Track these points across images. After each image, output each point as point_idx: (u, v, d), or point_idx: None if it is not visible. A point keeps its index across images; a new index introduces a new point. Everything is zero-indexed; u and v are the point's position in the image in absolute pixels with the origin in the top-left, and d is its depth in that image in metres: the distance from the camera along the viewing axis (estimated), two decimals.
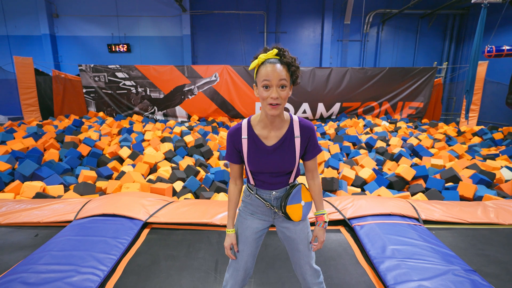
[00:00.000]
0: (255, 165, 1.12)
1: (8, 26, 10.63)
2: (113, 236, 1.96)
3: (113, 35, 10.96)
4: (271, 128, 1.09)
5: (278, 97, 0.98)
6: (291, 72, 1.02)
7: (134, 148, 5.04)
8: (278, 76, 0.97)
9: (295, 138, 1.08)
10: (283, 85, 0.99)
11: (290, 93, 1.04)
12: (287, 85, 1.00)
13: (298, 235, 1.17)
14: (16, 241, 2.05)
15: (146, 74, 8.23)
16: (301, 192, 1.15)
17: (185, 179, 3.85)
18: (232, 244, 1.17)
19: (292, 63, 1.02)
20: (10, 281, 1.50)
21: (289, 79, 1.01)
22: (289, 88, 1.03)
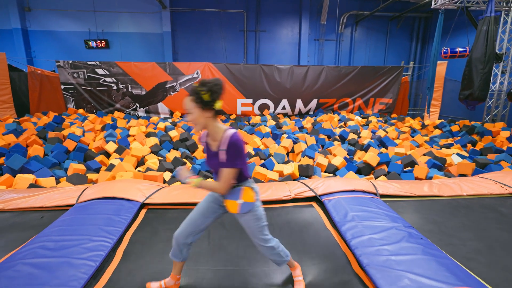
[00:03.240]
0: (207, 164, 1.50)
1: None
2: (115, 214, 2.22)
3: (90, 30, 10.77)
4: (212, 138, 1.40)
5: (188, 121, 1.36)
6: (196, 100, 1.30)
7: (120, 143, 5.20)
8: (185, 107, 1.33)
9: (221, 151, 1.35)
10: (188, 112, 1.33)
11: (205, 115, 1.31)
12: (191, 112, 1.31)
13: (244, 224, 1.51)
14: (24, 222, 2.26)
15: (127, 70, 8.26)
16: (242, 192, 1.43)
17: (173, 169, 4.11)
18: (185, 174, 1.45)
19: (195, 93, 1.30)
20: (32, 249, 1.75)
21: (193, 106, 1.30)
22: (199, 112, 1.30)
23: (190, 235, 1.50)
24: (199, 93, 1.28)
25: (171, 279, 1.58)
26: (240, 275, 1.73)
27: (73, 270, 1.57)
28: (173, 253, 1.52)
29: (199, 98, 1.29)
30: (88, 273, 1.58)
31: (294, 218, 2.40)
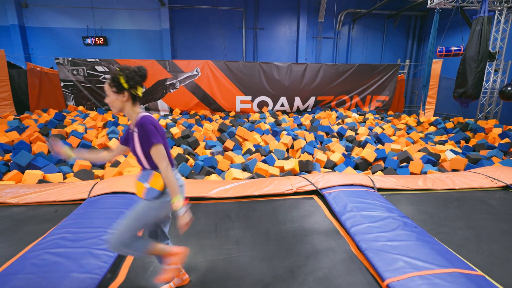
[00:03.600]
0: (130, 150, 1.48)
1: None
2: (127, 208, 2.34)
3: (88, 27, 10.75)
4: (131, 123, 1.45)
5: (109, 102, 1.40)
6: (112, 84, 1.34)
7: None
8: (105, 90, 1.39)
9: (134, 133, 1.38)
10: (106, 95, 1.38)
11: (120, 98, 1.35)
12: (108, 95, 1.37)
13: (136, 205, 1.44)
14: (39, 215, 2.36)
15: None
16: (151, 177, 1.39)
17: (176, 165, 4.22)
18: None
19: (113, 77, 1.35)
20: (53, 239, 1.86)
21: (109, 89, 1.35)
22: (115, 96, 1.35)
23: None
24: (117, 78, 1.34)
25: (176, 277, 1.63)
26: (247, 263, 1.86)
27: (94, 260, 1.69)
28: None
29: (115, 82, 1.34)
30: (109, 263, 1.69)
31: (296, 208, 2.54)
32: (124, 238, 1.37)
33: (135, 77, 1.37)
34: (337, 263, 1.79)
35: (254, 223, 2.32)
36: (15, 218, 2.33)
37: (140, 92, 1.42)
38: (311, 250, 1.93)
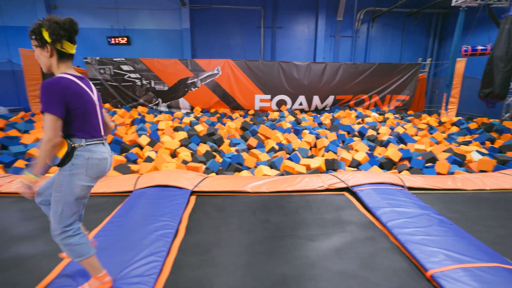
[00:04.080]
0: None
1: (4, 17, 10.62)
2: (172, 200, 2.52)
3: (112, 27, 11.14)
4: None
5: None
6: (34, 36, 1.23)
7: (151, 136, 5.52)
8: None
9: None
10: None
11: (44, 54, 1.25)
12: (34, 51, 1.28)
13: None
14: (94, 205, 2.58)
15: (150, 67, 8.59)
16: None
17: (205, 162, 4.41)
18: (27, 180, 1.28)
19: (34, 28, 1.23)
20: (111, 228, 2.06)
21: (33, 42, 1.25)
22: (39, 51, 1.26)
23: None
24: (38, 29, 1.22)
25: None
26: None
27: (155, 243, 1.86)
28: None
29: (38, 34, 1.23)
30: (167, 246, 1.87)
31: (329, 203, 2.67)
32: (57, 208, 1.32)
33: (58, 30, 1.23)
34: (379, 250, 1.90)
35: (292, 211, 2.47)
36: None
37: (69, 48, 1.29)
38: (352, 237, 2.06)
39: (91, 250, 1.40)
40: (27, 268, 1.73)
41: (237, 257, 1.83)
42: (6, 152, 4.51)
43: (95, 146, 1.37)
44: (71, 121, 1.29)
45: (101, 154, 1.39)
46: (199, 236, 2.10)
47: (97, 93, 1.46)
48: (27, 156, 4.38)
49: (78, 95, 1.27)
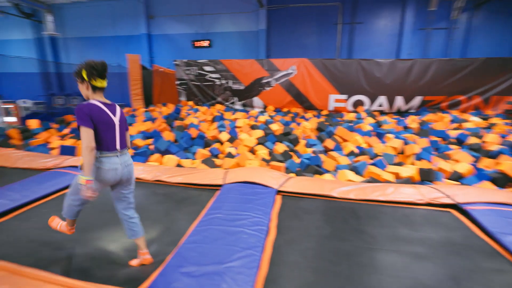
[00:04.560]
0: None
1: (116, 28, 12.73)
2: (260, 197, 2.59)
3: (197, 32, 12.21)
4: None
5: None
6: (76, 75, 1.69)
7: (231, 133, 5.85)
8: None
9: None
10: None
11: (83, 87, 1.69)
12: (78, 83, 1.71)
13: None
14: (189, 197, 2.85)
15: (229, 67, 9.10)
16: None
17: (282, 161, 4.43)
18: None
19: (77, 69, 1.68)
20: (212, 218, 2.22)
21: (76, 79, 1.69)
22: (80, 85, 1.70)
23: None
24: (80, 70, 1.66)
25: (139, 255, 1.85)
26: None
27: (251, 238, 1.94)
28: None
29: (78, 74, 1.67)
30: (262, 242, 1.92)
31: (432, 220, 2.35)
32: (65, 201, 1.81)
33: (92, 71, 1.64)
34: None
35: (388, 224, 2.26)
36: (175, 196, 2.87)
37: (99, 84, 1.68)
38: (472, 265, 1.76)
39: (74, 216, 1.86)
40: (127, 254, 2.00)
41: (336, 267, 1.76)
42: None
43: (107, 158, 1.70)
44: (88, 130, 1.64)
45: (112, 165, 1.71)
46: (292, 237, 2.10)
47: (120, 116, 1.81)
48: (132, 145, 5.15)
49: (98, 117, 1.65)
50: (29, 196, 2.65)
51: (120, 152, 1.77)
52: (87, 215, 2.39)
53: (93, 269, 1.76)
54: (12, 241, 2.08)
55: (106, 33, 12.99)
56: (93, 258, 1.88)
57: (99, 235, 2.15)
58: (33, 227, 2.28)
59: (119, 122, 1.78)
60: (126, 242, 2.04)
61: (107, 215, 2.43)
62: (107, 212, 2.46)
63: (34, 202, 2.66)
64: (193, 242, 1.92)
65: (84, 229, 2.22)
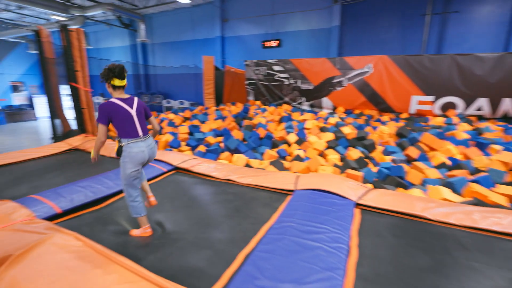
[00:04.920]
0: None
1: (195, 32, 13.82)
2: (337, 209, 2.34)
3: (266, 32, 12.32)
4: None
5: None
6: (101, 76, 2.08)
7: (299, 135, 5.65)
8: None
9: None
10: None
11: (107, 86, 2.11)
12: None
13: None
14: (258, 198, 2.78)
15: (298, 66, 8.88)
16: (115, 143, 2.18)
17: (357, 169, 4.03)
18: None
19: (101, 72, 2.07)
20: (285, 227, 2.09)
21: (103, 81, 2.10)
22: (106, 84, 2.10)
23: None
24: (102, 73, 2.05)
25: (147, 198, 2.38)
26: None
27: (330, 257, 1.74)
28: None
29: (102, 76, 2.06)
30: (343, 264, 1.70)
31: None
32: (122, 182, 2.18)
33: (110, 74, 2.02)
34: None
35: (508, 265, 1.75)
36: (244, 197, 2.85)
37: (117, 83, 2.06)
38: None
39: (143, 211, 2.22)
40: (217, 250, 1.99)
41: None
42: (192, 137, 5.78)
43: (134, 143, 2.10)
44: (116, 129, 2.08)
45: (139, 148, 2.10)
46: (378, 263, 1.81)
47: (137, 107, 2.17)
48: (204, 142, 5.43)
49: (116, 112, 2.05)
50: (120, 185, 2.96)
51: (144, 137, 2.16)
52: (172, 216, 2.54)
53: (167, 267, 1.81)
54: (101, 229, 2.33)
55: (186, 38, 14.22)
56: (169, 255, 1.95)
57: (180, 236, 2.24)
58: (121, 215, 2.52)
59: (136, 112, 2.15)
60: (202, 245, 2.08)
61: (192, 216, 2.54)
62: (192, 212, 2.58)
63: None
64: (267, 252, 1.82)
65: (168, 229, 2.35)
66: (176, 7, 13.69)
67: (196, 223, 2.36)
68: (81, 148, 4.80)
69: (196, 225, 2.33)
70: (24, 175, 3.42)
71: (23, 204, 2.32)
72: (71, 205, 2.48)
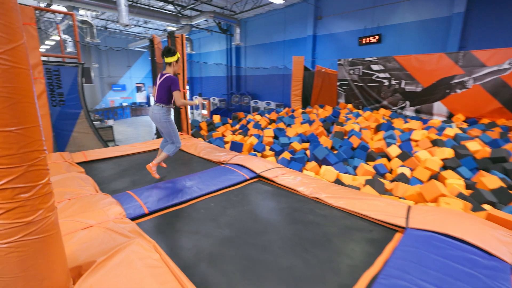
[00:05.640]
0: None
1: (286, 33, 13.70)
2: (485, 274, 1.57)
3: (365, 27, 11.06)
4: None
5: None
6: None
7: (403, 148, 4.65)
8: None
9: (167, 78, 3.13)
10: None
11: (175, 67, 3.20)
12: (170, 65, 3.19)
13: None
14: (358, 229, 2.21)
15: (404, 65, 7.53)
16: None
17: (495, 204, 2.91)
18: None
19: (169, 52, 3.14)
20: (398, 275, 1.50)
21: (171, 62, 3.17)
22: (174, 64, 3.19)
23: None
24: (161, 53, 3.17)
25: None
26: None
27: None
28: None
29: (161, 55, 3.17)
30: None
31: None
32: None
33: (161, 53, 3.12)
34: None
35: None
36: (336, 223, 2.34)
37: (164, 60, 3.12)
38: None
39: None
40: None
41: None
42: (276, 141, 5.52)
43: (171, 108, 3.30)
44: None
45: (150, 109, 3.23)
46: None
47: (160, 81, 3.10)
48: (289, 148, 5.08)
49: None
50: (202, 190, 2.90)
51: (155, 103, 3.18)
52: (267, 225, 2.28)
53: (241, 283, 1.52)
54: (178, 229, 2.23)
55: (277, 39, 14.25)
56: (241, 282, 1.65)
57: (259, 256, 1.94)
58: (199, 218, 2.40)
59: (158, 84, 3.11)
60: (283, 278, 1.71)
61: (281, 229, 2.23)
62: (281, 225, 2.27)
63: (205, 195, 2.88)
64: None
65: (240, 236, 2.10)
66: (270, 8, 13.85)
67: (280, 247, 2.01)
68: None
69: (278, 249, 1.99)
70: (128, 168, 3.81)
71: (118, 201, 2.44)
72: (157, 207, 2.50)
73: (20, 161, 1.15)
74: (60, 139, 5.45)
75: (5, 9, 1.06)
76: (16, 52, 1.11)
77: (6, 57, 1.07)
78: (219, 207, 2.64)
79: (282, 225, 2.32)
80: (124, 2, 8.96)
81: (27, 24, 3.61)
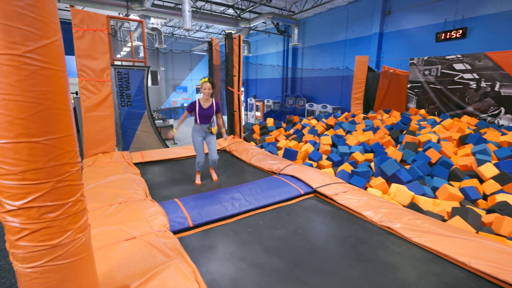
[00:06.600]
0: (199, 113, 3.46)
1: (347, 31, 12.78)
2: None
3: (446, 20, 9.54)
4: (205, 101, 3.49)
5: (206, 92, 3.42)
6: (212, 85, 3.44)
7: (501, 167, 3.67)
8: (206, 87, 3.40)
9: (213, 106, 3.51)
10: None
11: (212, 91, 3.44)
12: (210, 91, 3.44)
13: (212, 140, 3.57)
14: (453, 282, 1.65)
15: (501, 63, 6.18)
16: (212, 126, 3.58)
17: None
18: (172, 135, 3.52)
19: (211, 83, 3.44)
20: None
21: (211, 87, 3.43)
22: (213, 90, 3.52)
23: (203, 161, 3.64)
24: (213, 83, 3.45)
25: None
26: None
27: None
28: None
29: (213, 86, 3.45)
30: None
31: None
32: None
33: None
34: None
35: None
36: (418, 269, 1.81)
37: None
38: None
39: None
40: None
41: None
42: (334, 150, 4.98)
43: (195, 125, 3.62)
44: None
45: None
46: None
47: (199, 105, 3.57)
48: (350, 159, 4.50)
49: (194, 106, 3.50)
50: (251, 204, 2.62)
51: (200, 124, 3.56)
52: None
53: None
54: (222, 252, 1.97)
55: (337, 38, 13.40)
56: None
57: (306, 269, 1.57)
58: (246, 240, 2.12)
59: (199, 108, 3.50)
60: None
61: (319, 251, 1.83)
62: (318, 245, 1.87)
63: (254, 210, 2.60)
64: None
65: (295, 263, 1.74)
66: (332, 6, 13.09)
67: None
68: (227, 150, 5.05)
69: None
70: (179, 172, 3.77)
71: (164, 210, 2.32)
72: (202, 220, 2.30)
73: (47, 176, 1.00)
74: (127, 137, 5.86)
75: (36, 0, 0.91)
76: (48, 50, 0.96)
77: (35, 56, 0.92)
78: (269, 227, 2.33)
79: (344, 261, 1.89)
80: (188, 8, 9.39)
81: (99, 30, 3.87)
